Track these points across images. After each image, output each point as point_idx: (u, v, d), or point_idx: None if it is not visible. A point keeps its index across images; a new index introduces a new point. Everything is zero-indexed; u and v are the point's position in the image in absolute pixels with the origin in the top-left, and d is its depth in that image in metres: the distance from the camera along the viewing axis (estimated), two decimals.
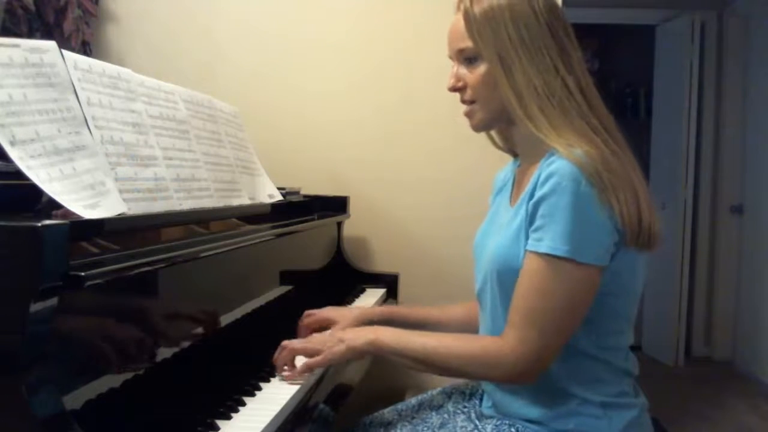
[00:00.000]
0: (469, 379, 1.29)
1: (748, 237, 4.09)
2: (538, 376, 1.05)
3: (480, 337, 1.19)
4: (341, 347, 1.13)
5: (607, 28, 4.61)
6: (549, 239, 1.01)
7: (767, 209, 3.83)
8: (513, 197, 1.21)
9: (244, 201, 1.45)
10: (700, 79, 4.17)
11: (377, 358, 1.17)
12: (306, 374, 1.14)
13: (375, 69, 2.26)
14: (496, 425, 1.14)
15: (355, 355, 1.14)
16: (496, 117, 1.16)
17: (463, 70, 1.15)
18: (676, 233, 4.07)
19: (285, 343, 1.18)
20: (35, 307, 0.72)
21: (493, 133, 1.26)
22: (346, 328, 1.28)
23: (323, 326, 1.38)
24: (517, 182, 1.22)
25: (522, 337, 1.03)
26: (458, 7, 1.14)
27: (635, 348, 1.16)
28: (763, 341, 3.80)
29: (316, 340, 1.18)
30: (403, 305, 1.97)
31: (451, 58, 1.18)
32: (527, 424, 1.11)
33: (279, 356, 1.16)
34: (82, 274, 0.76)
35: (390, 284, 2.06)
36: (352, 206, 2.13)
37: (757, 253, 3.94)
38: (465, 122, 1.20)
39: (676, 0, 4.26)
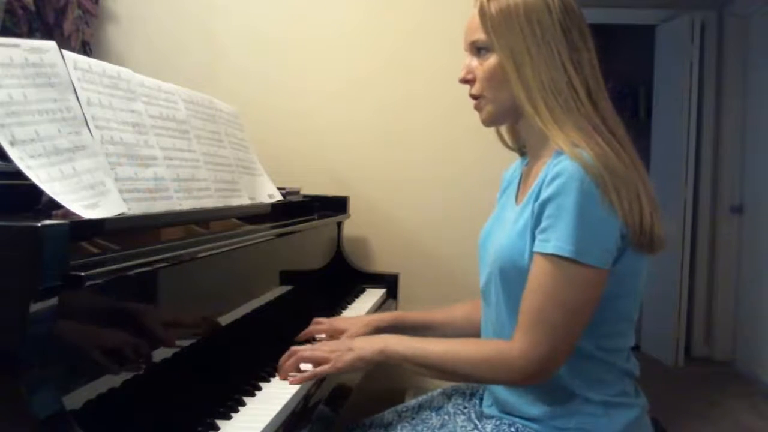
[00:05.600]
0: (480, 383, 1.27)
1: (748, 237, 4.08)
2: (549, 378, 1.05)
3: (489, 341, 1.18)
4: (350, 356, 1.13)
5: (607, 28, 4.60)
6: (555, 239, 1.01)
7: (767, 209, 3.83)
8: (519, 195, 1.21)
9: (244, 201, 1.45)
10: (700, 79, 4.16)
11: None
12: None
13: (375, 69, 2.27)
14: (496, 425, 1.14)
15: (364, 364, 1.14)
16: (504, 111, 1.16)
17: (474, 62, 1.16)
18: (676, 233, 4.06)
19: (294, 349, 1.17)
20: (35, 307, 0.72)
21: (502, 130, 1.27)
22: (355, 337, 1.28)
23: (333, 336, 1.38)
24: (524, 180, 1.22)
25: (531, 339, 1.03)
26: (475, 3, 1.15)
27: (635, 348, 1.17)
28: (763, 341, 3.80)
29: (325, 347, 1.17)
30: (407, 310, 1.96)
31: (466, 51, 1.18)
32: (528, 423, 1.11)
33: (286, 363, 1.15)
34: (82, 274, 0.76)
35: (390, 284, 2.06)
36: (352, 206, 2.13)
37: (757, 253, 3.94)
38: (465, 123, 1.21)
39: (676, 0, 4.26)
